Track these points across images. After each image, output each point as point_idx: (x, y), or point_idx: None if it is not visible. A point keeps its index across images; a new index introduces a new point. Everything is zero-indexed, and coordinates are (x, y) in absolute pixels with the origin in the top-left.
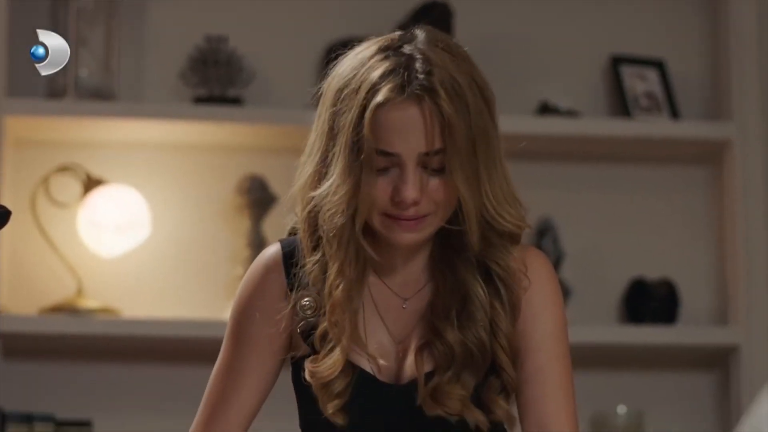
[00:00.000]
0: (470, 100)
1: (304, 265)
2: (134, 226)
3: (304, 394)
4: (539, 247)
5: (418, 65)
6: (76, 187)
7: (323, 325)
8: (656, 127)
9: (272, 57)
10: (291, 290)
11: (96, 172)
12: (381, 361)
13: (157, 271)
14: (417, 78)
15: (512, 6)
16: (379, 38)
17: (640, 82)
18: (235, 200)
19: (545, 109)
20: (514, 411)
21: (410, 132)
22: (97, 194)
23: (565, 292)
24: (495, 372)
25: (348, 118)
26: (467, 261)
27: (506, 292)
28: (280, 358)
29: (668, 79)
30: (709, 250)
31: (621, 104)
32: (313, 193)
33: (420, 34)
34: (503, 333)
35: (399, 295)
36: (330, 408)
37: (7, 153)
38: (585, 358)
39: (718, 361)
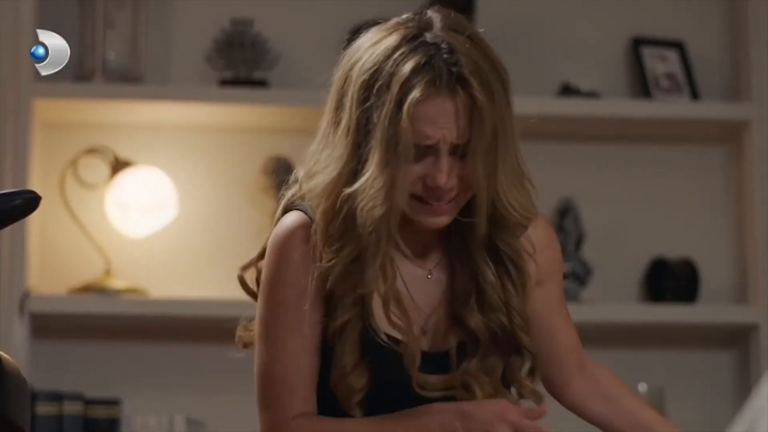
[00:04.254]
0: (495, 88)
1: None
2: (161, 207)
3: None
4: (560, 226)
5: (446, 56)
6: (104, 168)
7: (342, 319)
8: (676, 107)
9: (297, 40)
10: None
11: (123, 154)
12: (410, 333)
13: (184, 251)
14: (449, 70)
15: None
16: (393, 25)
17: (660, 63)
18: (261, 181)
19: (567, 91)
20: (539, 388)
21: (445, 123)
22: (125, 176)
23: (587, 270)
24: (517, 351)
25: (383, 113)
26: (477, 243)
27: (516, 271)
28: (321, 327)
29: (688, 60)
30: (729, 230)
31: (642, 85)
32: (349, 189)
33: (435, 18)
34: (518, 312)
35: (422, 267)
36: (351, 405)
37: (36, 136)
38: (606, 337)
39: (737, 340)
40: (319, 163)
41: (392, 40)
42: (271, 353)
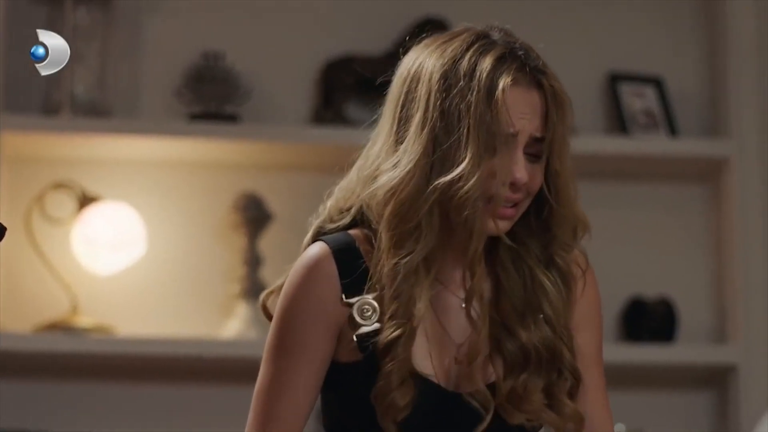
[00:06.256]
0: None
1: (366, 273)
2: (129, 244)
3: (346, 398)
4: None
5: (521, 52)
6: (72, 204)
7: (390, 334)
8: (654, 144)
9: (269, 74)
10: (345, 293)
11: (91, 189)
12: (440, 369)
13: (152, 288)
14: (531, 62)
15: (509, 23)
16: (449, 34)
17: (637, 100)
18: (231, 218)
19: None
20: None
21: (528, 114)
22: (92, 211)
23: None
24: (559, 370)
25: (473, 100)
26: (533, 254)
27: (565, 288)
28: (327, 366)
29: (666, 96)
30: (708, 269)
31: (619, 121)
32: (443, 179)
33: (492, 30)
34: (566, 330)
35: (456, 295)
36: (388, 422)
37: (2, 170)
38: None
39: (716, 380)
40: (386, 164)
41: (463, 38)
42: (274, 376)
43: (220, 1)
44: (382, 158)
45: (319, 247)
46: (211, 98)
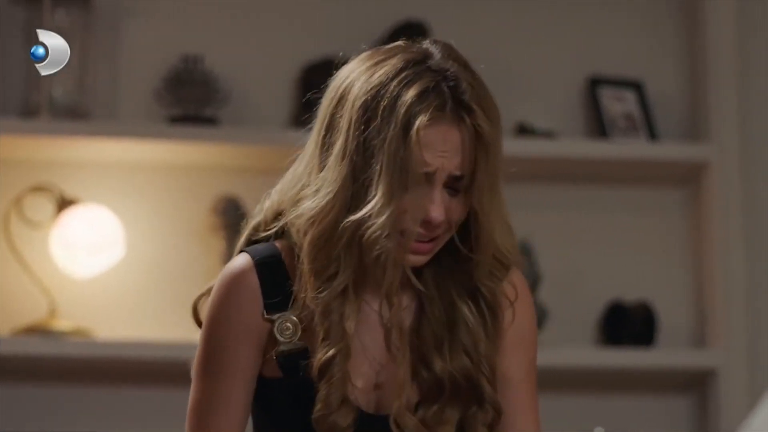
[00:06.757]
0: (497, 122)
1: (289, 288)
2: (108, 247)
3: (271, 414)
4: None
5: (452, 83)
6: (50, 206)
7: (324, 354)
8: (634, 148)
9: (248, 77)
10: (267, 309)
11: (70, 191)
12: (362, 392)
13: (131, 292)
14: (455, 98)
15: (489, 26)
16: (392, 48)
17: (617, 104)
18: (210, 221)
19: (522, 130)
20: None
21: (447, 152)
22: (71, 214)
23: (542, 314)
24: (478, 402)
25: (388, 137)
26: (458, 285)
27: (491, 319)
28: (256, 382)
29: (646, 100)
30: (687, 273)
31: (599, 125)
32: (353, 216)
33: (434, 47)
34: (487, 361)
35: (383, 317)
36: None
37: None
38: (562, 381)
39: (696, 385)
40: (308, 188)
41: (395, 62)
42: (204, 394)
43: (199, 5)
44: (304, 181)
45: (242, 260)
46: (190, 101)
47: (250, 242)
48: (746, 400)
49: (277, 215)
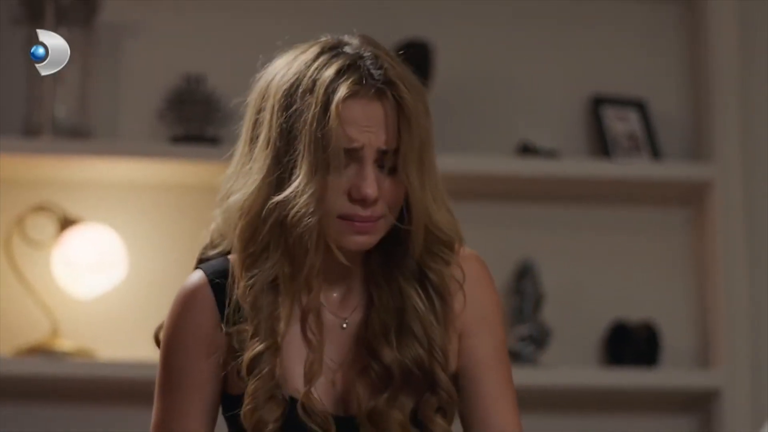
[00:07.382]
0: (422, 95)
1: (238, 289)
2: (110, 266)
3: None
4: (519, 288)
5: (370, 62)
6: (52, 226)
7: (252, 351)
8: (637, 168)
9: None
10: (224, 322)
11: (72, 211)
12: (319, 390)
13: (133, 312)
14: (374, 72)
15: (493, 45)
16: (308, 43)
17: (620, 123)
18: None
19: (525, 150)
20: (452, 428)
21: (372, 126)
22: (73, 234)
23: (545, 333)
24: (431, 389)
25: (309, 116)
26: (405, 271)
27: (441, 304)
28: (218, 397)
29: (649, 119)
30: (691, 292)
31: (601, 145)
32: (277, 198)
33: (352, 37)
34: (439, 348)
35: (337, 315)
36: None
37: None
38: (565, 401)
39: (699, 405)
40: (236, 183)
41: (310, 52)
42: (165, 412)
43: (201, 24)
44: (233, 180)
45: (195, 277)
46: (192, 120)
47: (201, 261)
48: (750, 420)
49: (223, 234)
